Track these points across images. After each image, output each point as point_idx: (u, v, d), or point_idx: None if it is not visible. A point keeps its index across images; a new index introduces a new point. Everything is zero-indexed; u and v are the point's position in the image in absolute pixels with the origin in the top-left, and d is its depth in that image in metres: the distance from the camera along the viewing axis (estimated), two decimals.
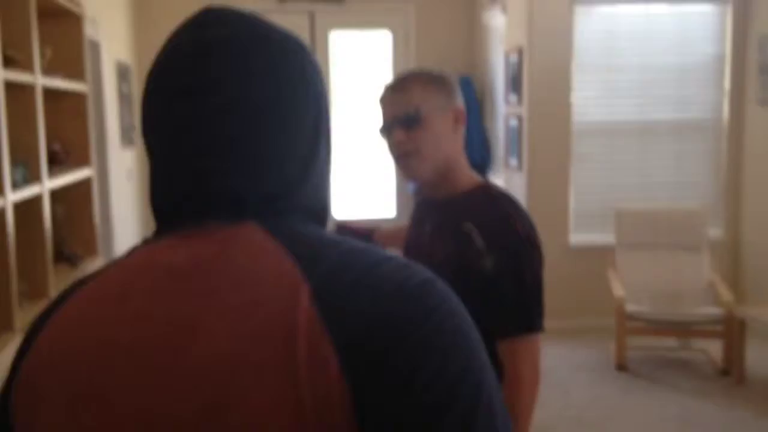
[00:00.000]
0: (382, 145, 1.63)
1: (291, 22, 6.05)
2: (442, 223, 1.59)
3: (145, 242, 0.74)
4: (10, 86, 2.10)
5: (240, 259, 0.67)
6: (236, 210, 0.70)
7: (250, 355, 0.60)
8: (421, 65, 6.10)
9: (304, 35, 6.11)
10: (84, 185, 2.86)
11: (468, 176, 1.63)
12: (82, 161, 2.85)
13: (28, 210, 2.19)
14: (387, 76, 6.25)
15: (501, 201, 1.58)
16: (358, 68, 6.31)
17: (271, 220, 0.71)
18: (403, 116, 1.53)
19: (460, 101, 1.61)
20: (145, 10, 5.71)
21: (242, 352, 0.61)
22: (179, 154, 0.72)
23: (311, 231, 0.72)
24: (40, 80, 2.21)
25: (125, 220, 4.86)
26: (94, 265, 2.84)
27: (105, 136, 4.45)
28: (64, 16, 2.77)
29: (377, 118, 1.62)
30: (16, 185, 2.03)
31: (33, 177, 2.18)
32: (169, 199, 0.73)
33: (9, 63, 2.09)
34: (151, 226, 0.75)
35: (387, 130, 1.57)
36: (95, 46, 4.33)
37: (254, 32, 0.74)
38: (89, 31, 4.06)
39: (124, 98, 4.99)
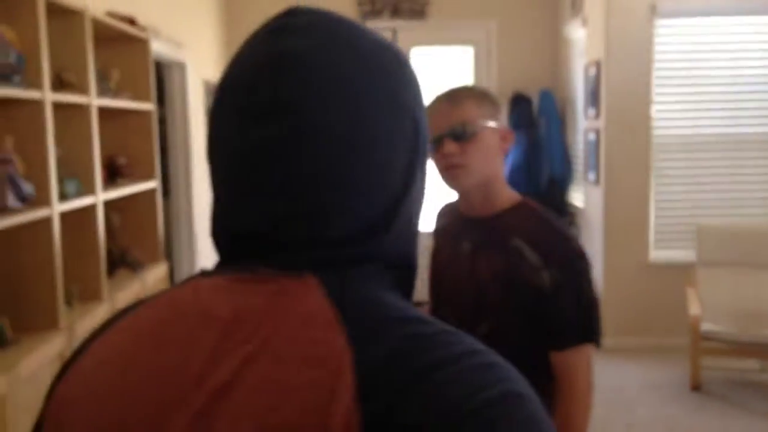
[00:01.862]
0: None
1: None
2: (486, 241, 1.60)
3: (202, 274, 0.65)
4: (66, 107, 2.36)
5: (286, 323, 0.55)
6: (299, 257, 0.60)
7: None
8: (503, 80, 6.14)
9: None
10: (148, 196, 3.11)
11: (508, 193, 1.65)
12: (147, 174, 3.10)
13: (82, 219, 2.44)
14: None
15: (548, 217, 1.60)
16: (439, 85, 6.41)
17: (338, 274, 0.59)
18: (456, 128, 1.55)
19: (502, 120, 1.65)
20: (234, 29, 6.05)
21: None
22: (242, 184, 0.61)
23: (383, 298, 0.60)
24: (95, 101, 2.46)
25: (207, 228, 5.15)
26: (156, 271, 3.08)
27: (190, 151, 4.76)
28: (131, 42, 3.04)
29: (430, 131, 1.58)
30: (67, 197, 2.27)
31: (87, 189, 2.43)
32: (227, 233, 0.64)
33: (65, 86, 2.34)
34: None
35: (437, 141, 1.57)
36: (182, 67, 4.65)
37: (341, 43, 0.62)
38: (176, 53, 4.38)
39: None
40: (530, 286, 1.52)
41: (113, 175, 2.92)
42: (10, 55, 2.01)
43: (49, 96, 2.10)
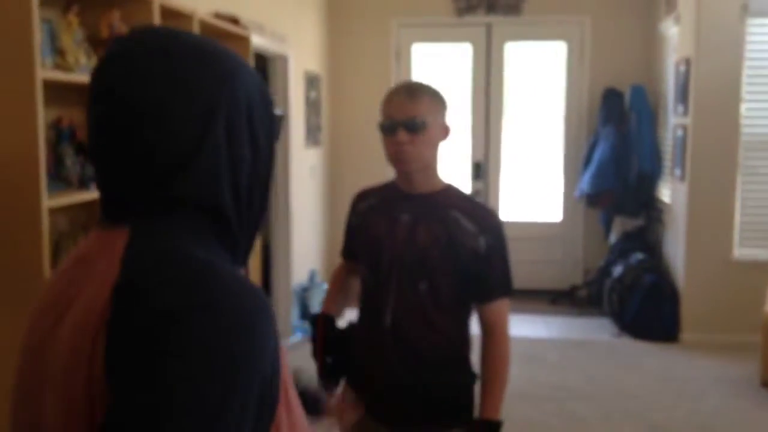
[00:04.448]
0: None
1: (468, 34, 6.47)
2: (426, 212, 1.93)
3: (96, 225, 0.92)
4: None
5: (97, 261, 0.82)
6: (123, 210, 0.85)
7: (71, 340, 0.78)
8: (595, 74, 6.24)
9: (480, 47, 6.50)
10: None
11: (439, 178, 1.99)
12: None
13: None
14: (561, 87, 6.45)
15: (471, 196, 1.99)
16: (531, 79, 6.57)
17: (147, 222, 0.83)
18: (410, 121, 1.87)
19: (446, 116, 1.97)
20: (335, 23, 6.45)
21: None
22: (90, 154, 0.88)
23: (170, 240, 0.82)
24: None
25: (304, 210, 5.58)
26: None
27: (289, 137, 5.18)
28: (235, 39, 3.44)
29: (382, 116, 1.92)
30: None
31: None
32: (100, 195, 0.90)
33: None
34: (330, 217, 0.92)
35: (391, 129, 1.89)
36: (284, 60, 5.08)
37: (152, 45, 0.84)
38: (278, 47, 4.80)
39: (311, 104, 5.72)
40: (467, 248, 1.87)
41: None
42: None
43: None
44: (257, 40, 4.25)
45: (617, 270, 5.78)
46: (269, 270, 5.37)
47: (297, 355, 4.33)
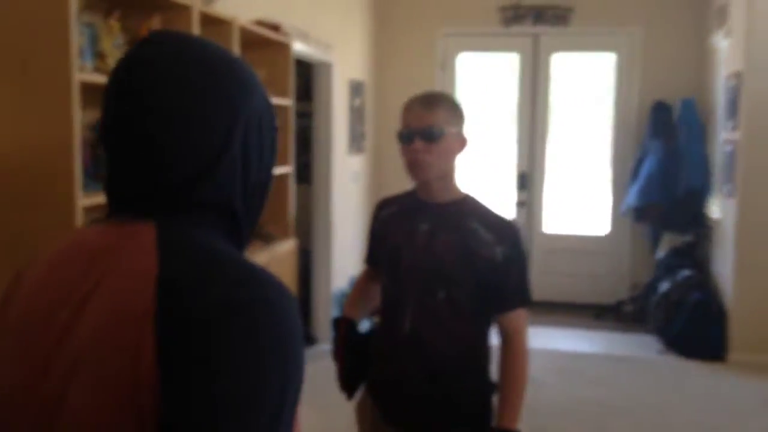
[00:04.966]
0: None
1: (515, 44, 6.44)
2: (444, 222, 1.93)
3: (92, 222, 0.93)
4: None
5: (125, 254, 0.83)
6: (145, 206, 0.87)
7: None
8: (645, 87, 6.14)
9: (527, 57, 6.46)
10: (282, 180, 3.57)
11: (457, 188, 1.99)
12: (283, 160, 3.56)
13: None
14: (609, 98, 6.37)
15: (488, 207, 1.98)
16: (579, 90, 6.50)
17: (170, 219, 0.86)
18: (427, 130, 1.88)
19: (464, 128, 1.96)
20: (382, 32, 6.49)
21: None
22: (109, 151, 0.90)
23: (196, 235, 0.86)
24: None
25: (346, 217, 5.62)
26: (285, 245, 3.53)
27: (331, 143, 5.23)
28: (276, 46, 3.50)
29: (401, 125, 1.94)
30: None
31: None
32: (109, 191, 0.91)
33: None
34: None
35: (408, 138, 1.91)
36: (328, 67, 5.13)
37: (178, 51, 0.87)
38: (323, 54, 4.85)
39: (354, 111, 5.76)
40: (484, 258, 1.86)
41: None
42: None
43: None
44: (301, 48, 4.30)
45: (664, 286, 5.66)
46: (309, 275, 5.41)
47: None
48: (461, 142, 1.95)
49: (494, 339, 1.97)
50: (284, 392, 0.77)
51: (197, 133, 0.86)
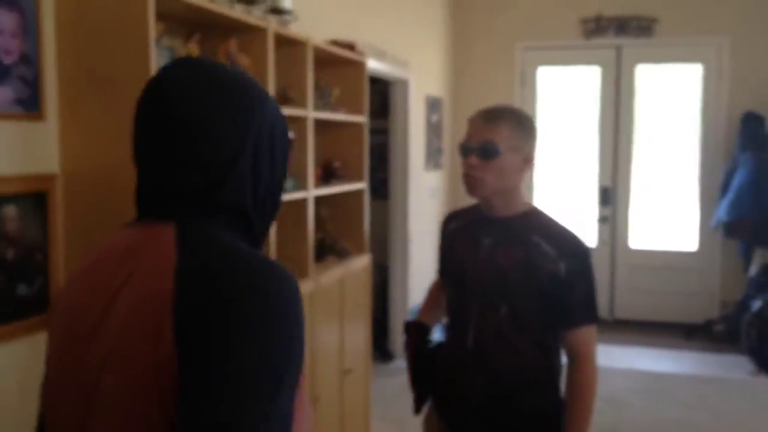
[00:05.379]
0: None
1: (597, 56, 6.32)
2: (507, 237, 1.91)
3: (121, 226, 1.03)
4: (288, 118, 2.91)
5: (150, 250, 0.93)
6: (167, 209, 0.97)
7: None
8: (734, 98, 5.92)
9: (609, 69, 6.33)
10: (357, 195, 3.61)
11: (522, 201, 1.95)
12: (357, 176, 3.60)
13: (296, 210, 2.97)
14: (696, 110, 6.17)
15: (554, 220, 1.93)
16: (664, 102, 6.32)
17: (189, 220, 0.95)
18: (482, 146, 1.85)
19: (534, 146, 1.92)
20: (459, 48, 6.51)
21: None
22: (137, 159, 1.01)
23: (213, 233, 0.94)
24: (312, 114, 2.98)
25: (423, 233, 5.62)
26: (360, 260, 3.57)
27: (408, 159, 5.26)
28: (350, 64, 3.56)
29: (465, 136, 1.92)
30: (285, 191, 2.81)
31: (301, 186, 2.95)
32: (138, 197, 1.03)
33: (288, 101, 2.88)
34: None
35: (464, 152, 1.90)
36: (404, 84, 5.17)
37: (201, 73, 0.98)
38: (400, 71, 4.91)
39: (432, 127, 5.78)
40: (547, 273, 1.81)
41: (329, 175, 3.45)
42: None
43: None
44: (376, 65, 4.36)
45: (756, 304, 5.40)
46: (387, 291, 5.44)
47: None
48: (525, 160, 1.90)
49: (564, 357, 1.94)
50: (286, 367, 0.85)
51: (210, 144, 0.96)
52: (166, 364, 0.82)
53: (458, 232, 2.06)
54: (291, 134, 1.11)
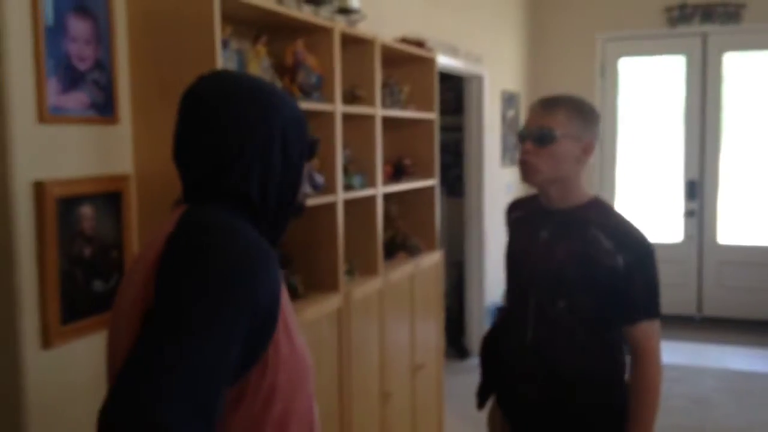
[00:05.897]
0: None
1: (682, 45, 6.10)
2: (564, 230, 1.87)
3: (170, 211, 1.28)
4: (356, 117, 2.93)
5: (165, 227, 1.14)
6: (187, 195, 1.21)
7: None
8: None
9: (695, 58, 6.10)
10: (428, 192, 3.62)
11: (583, 192, 1.90)
12: (428, 173, 3.60)
13: (365, 207, 2.99)
14: None
15: (615, 212, 1.88)
16: (754, 91, 6.04)
17: (197, 204, 1.17)
18: (539, 132, 1.83)
19: (594, 135, 1.87)
20: (536, 41, 6.41)
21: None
22: (174, 150, 1.24)
23: (210, 213, 1.14)
24: (380, 112, 3.00)
25: (498, 227, 5.56)
26: (431, 257, 3.57)
27: (482, 156, 5.22)
28: (420, 62, 3.56)
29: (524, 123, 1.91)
30: (353, 188, 2.84)
31: (370, 183, 2.98)
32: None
33: (357, 100, 2.91)
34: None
35: (521, 138, 1.88)
36: (479, 80, 5.13)
37: (220, 85, 1.20)
38: (474, 67, 4.88)
39: (508, 122, 5.71)
40: (605, 267, 1.75)
41: (400, 173, 3.46)
42: (312, 76, 2.62)
43: (339, 108, 2.67)
44: (448, 62, 4.34)
45: None
46: (463, 287, 5.42)
47: None
48: (584, 150, 1.86)
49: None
50: (220, 310, 1.00)
51: (221, 140, 1.17)
52: (151, 295, 1.05)
53: (519, 222, 2.04)
54: (314, 136, 1.33)
